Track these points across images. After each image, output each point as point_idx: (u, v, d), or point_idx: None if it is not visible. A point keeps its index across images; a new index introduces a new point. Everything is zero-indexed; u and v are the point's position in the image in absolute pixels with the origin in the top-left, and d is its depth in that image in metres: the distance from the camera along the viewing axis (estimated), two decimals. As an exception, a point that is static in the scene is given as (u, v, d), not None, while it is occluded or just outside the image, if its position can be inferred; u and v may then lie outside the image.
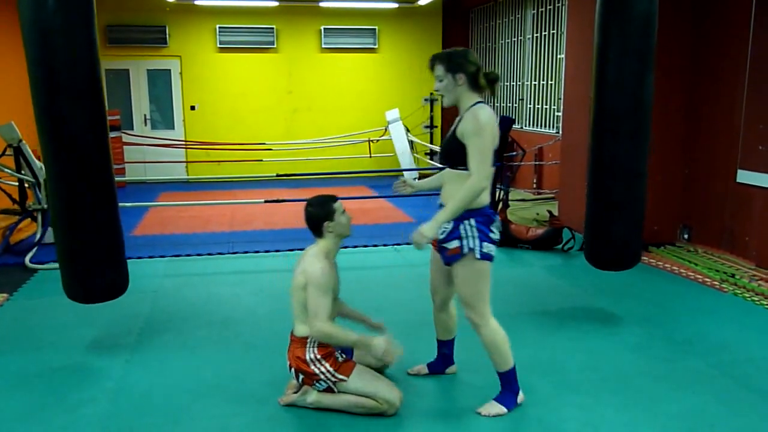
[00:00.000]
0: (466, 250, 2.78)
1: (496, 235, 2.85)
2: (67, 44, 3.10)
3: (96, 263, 3.43)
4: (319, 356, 2.93)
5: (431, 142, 11.06)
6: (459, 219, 2.79)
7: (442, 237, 2.83)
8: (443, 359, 3.34)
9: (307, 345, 2.95)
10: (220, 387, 3.23)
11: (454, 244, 2.80)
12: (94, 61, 3.22)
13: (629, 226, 3.99)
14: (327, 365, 2.92)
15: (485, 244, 2.79)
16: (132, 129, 10.53)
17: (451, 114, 11.83)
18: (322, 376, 2.92)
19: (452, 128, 2.84)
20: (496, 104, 10.49)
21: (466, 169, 2.75)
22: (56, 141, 3.22)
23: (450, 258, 2.84)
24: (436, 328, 3.29)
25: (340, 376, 2.92)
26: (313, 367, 2.93)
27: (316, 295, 2.87)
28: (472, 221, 2.78)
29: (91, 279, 3.45)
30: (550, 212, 6.37)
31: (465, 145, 2.74)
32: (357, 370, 2.96)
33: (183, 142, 10.60)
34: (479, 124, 2.70)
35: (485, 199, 2.82)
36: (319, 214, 2.95)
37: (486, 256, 2.80)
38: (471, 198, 2.72)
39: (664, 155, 5.71)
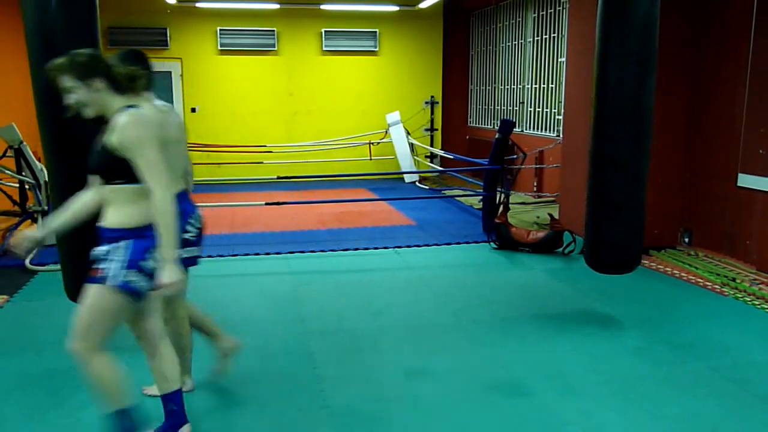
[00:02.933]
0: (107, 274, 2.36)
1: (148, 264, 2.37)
2: (70, 46, 3.09)
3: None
4: None
5: (431, 145, 11.07)
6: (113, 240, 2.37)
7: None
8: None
9: None
10: (220, 389, 3.23)
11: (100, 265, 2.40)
12: None
13: (629, 230, 3.99)
14: None
15: (131, 271, 2.34)
16: (132, 131, 10.52)
17: (449, 116, 11.82)
18: None
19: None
20: (496, 107, 10.51)
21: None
22: (60, 141, 3.19)
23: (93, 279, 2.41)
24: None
25: None
26: None
27: None
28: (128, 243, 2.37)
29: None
30: (550, 215, 6.38)
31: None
32: None
33: (183, 145, 10.59)
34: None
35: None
36: None
37: (125, 286, 2.35)
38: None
39: (665, 159, 5.71)
